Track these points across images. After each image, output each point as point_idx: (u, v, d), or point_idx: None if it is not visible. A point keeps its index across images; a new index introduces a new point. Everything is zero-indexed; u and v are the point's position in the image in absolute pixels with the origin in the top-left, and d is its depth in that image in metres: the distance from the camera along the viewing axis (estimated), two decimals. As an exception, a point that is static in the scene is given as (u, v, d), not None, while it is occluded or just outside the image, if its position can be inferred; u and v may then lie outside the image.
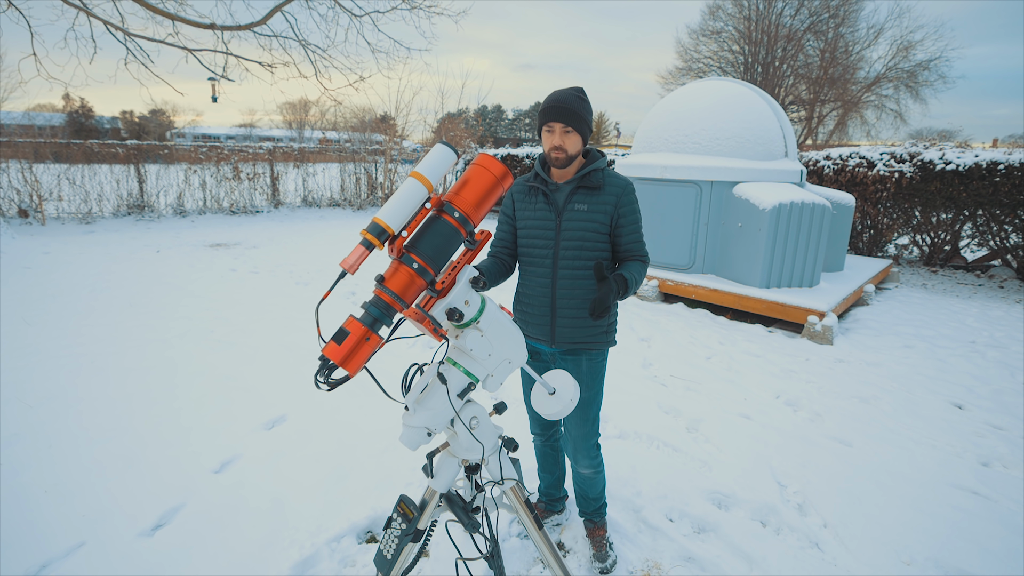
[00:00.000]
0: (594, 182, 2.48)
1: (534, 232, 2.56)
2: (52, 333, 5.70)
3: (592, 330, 2.56)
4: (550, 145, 2.42)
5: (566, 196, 2.51)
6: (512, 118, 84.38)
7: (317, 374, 1.40)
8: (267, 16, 11.38)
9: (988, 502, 3.36)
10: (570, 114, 2.37)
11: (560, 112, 2.37)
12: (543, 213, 2.53)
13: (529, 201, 2.58)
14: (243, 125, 73.45)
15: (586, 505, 2.92)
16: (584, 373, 2.62)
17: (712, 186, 7.18)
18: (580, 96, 2.42)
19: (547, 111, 2.40)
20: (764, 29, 31.11)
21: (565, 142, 2.40)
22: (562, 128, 2.39)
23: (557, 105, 2.37)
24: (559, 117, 2.37)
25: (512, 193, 2.66)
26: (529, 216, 2.57)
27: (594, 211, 2.47)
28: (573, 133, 2.40)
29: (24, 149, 13.05)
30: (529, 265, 2.60)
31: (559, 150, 2.40)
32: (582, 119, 2.40)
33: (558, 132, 2.39)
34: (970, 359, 5.70)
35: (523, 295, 2.66)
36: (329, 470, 3.49)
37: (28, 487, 3.24)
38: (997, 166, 8.53)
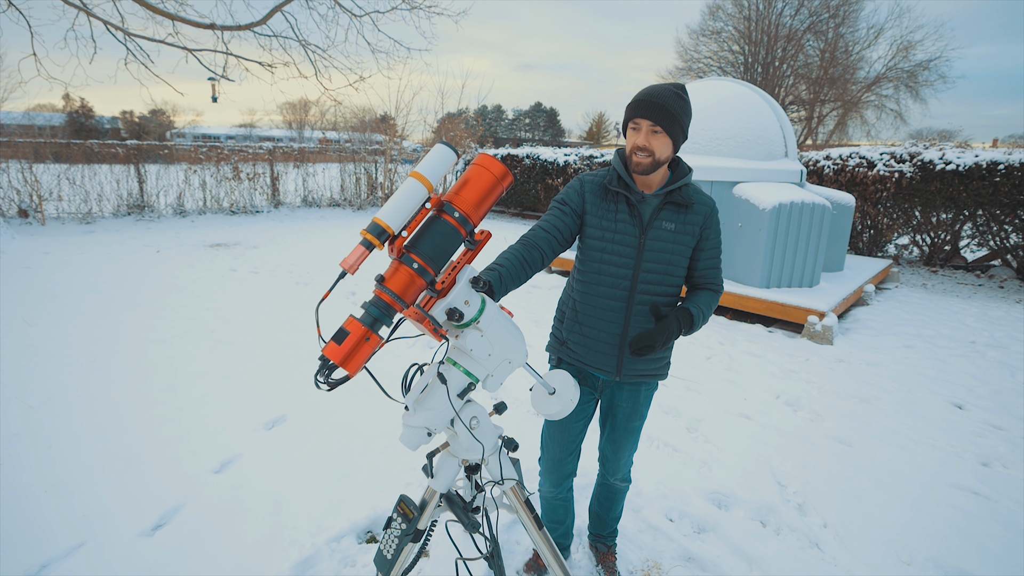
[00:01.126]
0: (684, 198, 2.16)
1: (612, 247, 2.19)
2: (52, 333, 5.70)
3: (659, 362, 2.33)
4: (633, 145, 2.09)
5: (653, 211, 2.17)
6: (512, 118, 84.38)
7: (317, 374, 1.40)
8: (267, 16, 11.38)
9: (988, 502, 3.37)
10: (663, 112, 2.03)
11: (651, 108, 2.03)
12: (625, 227, 2.17)
13: (607, 207, 2.21)
14: (243, 125, 73.47)
15: (602, 527, 2.75)
16: (641, 403, 2.41)
17: (712, 186, 7.18)
18: (679, 94, 2.09)
19: (636, 104, 2.07)
20: (764, 29, 31.12)
21: (652, 143, 2.05)
22: (650, 127, 2.04)
23: (649, 99, 2.04)
24: (649, 113, 2.03)
25: (584, 188, 2.26)
26: (607, 226, 2.20)
27: (682, 232, 2.17)
28: (663, 135, 2.06)
29: (24, 149, 13.05)
30: (598, 284, 2.24)
31: (644, 152, 2.06)
32: (676, 120, 2.06)
33: (644, 131, 2.06)
34: (970, 359, 5.71)
35: (585, 316, 2.30)
36: (329, 470, 3.49)
37: (28, 487, 3.24)
38: (997, 166, 8.53)
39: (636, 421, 2.44)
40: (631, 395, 2.39)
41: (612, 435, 2.50)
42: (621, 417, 2.43)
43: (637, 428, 2.47)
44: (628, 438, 2.48)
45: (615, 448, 2.52)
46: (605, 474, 2.63)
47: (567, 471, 2.53)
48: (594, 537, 2.81)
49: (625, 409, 2.42)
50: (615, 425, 2.47)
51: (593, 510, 2.78)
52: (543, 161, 15.11)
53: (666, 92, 2.05)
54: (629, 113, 2.10)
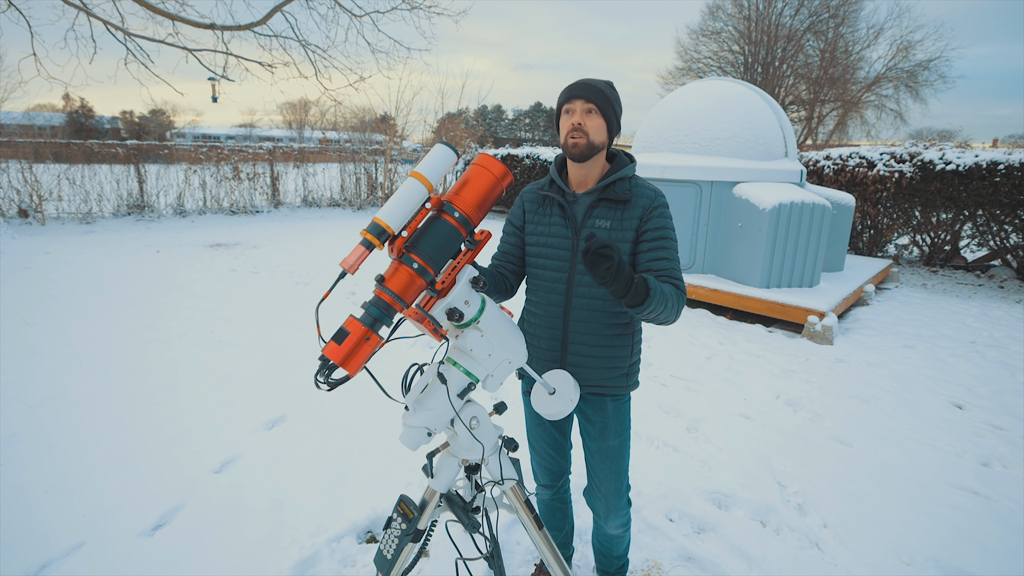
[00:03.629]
0: (619, 194, 2.04)
1: (546, 251, 2.14)
2: (52, 333, 5.70)
3: (611, 372, 2.14)
4: (568, 127, 2.00)
5: (586, 209, 2.08)
6: (512, 118, 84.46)
7: (317, 374, 1.40)
8: (267, 16, 11.38)
9: (988, 502, 3.37)
10: (595, 91, 1.99)
11: (584, 87, 1.99)
12: (558, 229, 2.11)
13: (542, 213, 2.16)
14: (243, 125, 73.48)
15: (608, 564, 2.56)
16: (611, 417, 2.20)
17: (712, 186, 7.18)
18: (610, 83, 2.06)
19: (569, 88, 2.03)
20: (764, 29, 31.12)
21: (587, 123, 1.98)
22: (583, 105, 1.98)
23: (581, 82, 2.01)
24: (581, 93, 1.98)
25: (523, 201, 2.24)
26: (541, 231, 2.15)
27: (619, 229, 2.03)
28: (597, 115, 1.99)
29: (24, 149, 13.06)
30: (538, 289, 2.18)
31: (579, 133, 1.97)
32: (608, 101, 2.01)
33: (579, 111, 1.99)
34: (970, 359, 5.70)
35: (529, 323, 2.25)
36: (329, 470, 3.49)
37: (28, 487, 3.24)
38: (997, 166, 8.53)
39: (611, 439, 2.22)
40: (597, 408, 2.20)
41: (591, 462, 2.29)
42: (594, 436, 2.23)
43: (616, 451, 2.24)
44: (607, 464, 2.25)
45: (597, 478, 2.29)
46: (597, 519, 2.42)
47: (558, 468, 2.44)
48: (602, 572, 2.61)
49: (595, 423, 2.22)
50: (590, 447, 2.26)
51: (595, 548, 2.58)
52: (543, 161, 15.11)
53: (598, 80, 2.03)
54: (562, 99, 2.04)
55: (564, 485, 2.53)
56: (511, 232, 2.25)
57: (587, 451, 2.30)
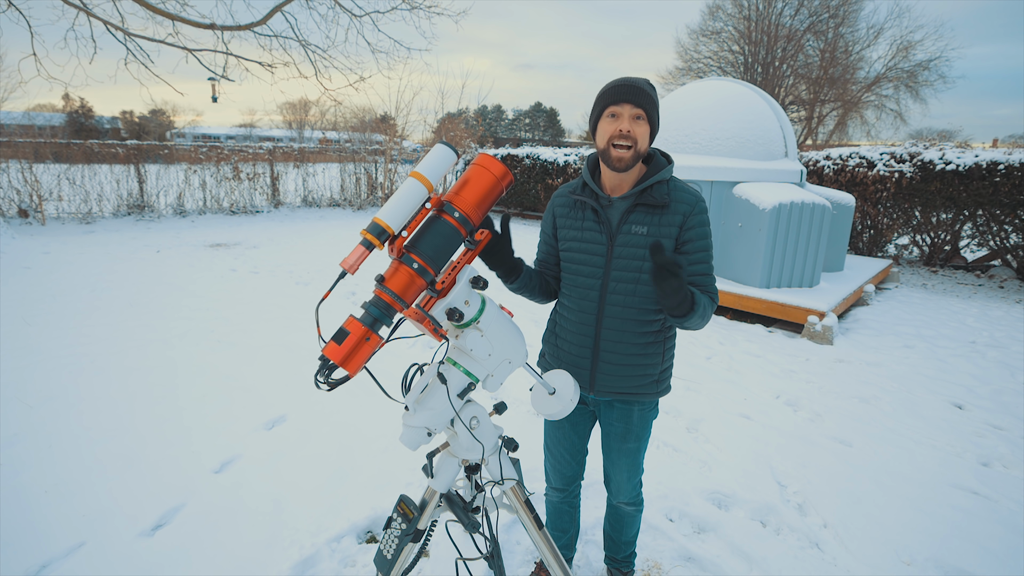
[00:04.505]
0: (658, 198, 1.95)
1: (579, 256, 2.07)
2: (52, 333, 5.70)
3: (641, 379, 2.12)
4: (615, 132, 1.87)
5: (621, 214, 2.00)
6: (512, 118, 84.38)
7: (317, 374, 1.40)
8: (267, 16, 11.39)
9: (988, 502, 3.37)
10: (644, 95, 1.85)
11: (633, 92, 1.84)
12: (592, 235, 2.04)
13: (574, 217, 2.09)
14: (243, 125, 73.49)
15: (616, 550, 2.58)
16: (634, 425, 2.21)
17: (712, 186, 7.17)
18: (652, 85, 1.94)
19: (616, 90, 1.87)
20: (764, 29, 31.12)
21: (636, 131, 1.86)
22: (632, 112, 1.85)
23: (628, 84, 1.87)
24: (630, 97, 1.84)
25: (553, 207, 2.18)
26: (574, 236, 2.08)
27: (657, 235, 1.97)
28: (644, 122, 1.88)
29: (24, 149, 13.06)
30: (571, 295, 2.13)
31: (627, 141, 1.86)
32: (655, 106, 1.90)
33: (627, 117, 1.85)
34: (970, 359, 5.70)
35: (560, 328, 2.22)
36: (329, 470, 3.49)
37: (28, 487, 3.24)
38: (997, 166, 8.53)
39: (631, 443, 2.25)
40: (622, 415, 2.22)
41: (609, 455, 2.34)
42: (614, 437, 2.27)
43: (633, 451, 2.27)
44: (624, 460, 2.29)
45: (613, 468, 2.36)
46: (609, 496, 2.48)
47: (572, 473, 2.45)
48: (609, 560, 2.65)
49: (617, 429, 2.25)
50: (610, 445, 2.31)
51: (605, 532, 2.62)
52: (543, 161, 15.11)
53: (642, 79, 1.92)
54: (606, 100, 1.90)
55: (575, 490, 2.53)
56: (545, 240, 2.23)
57: (606, 448, 2.35)
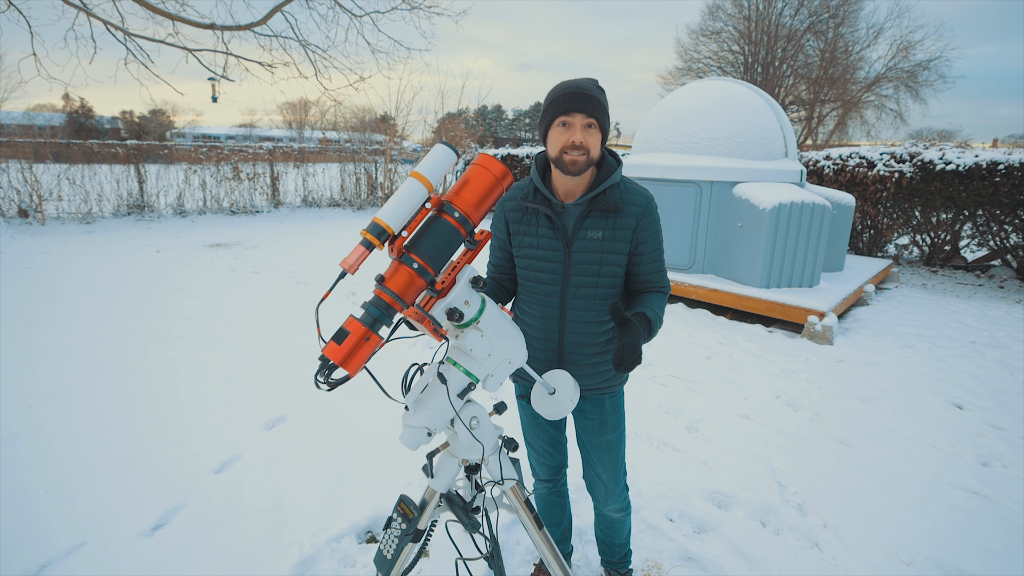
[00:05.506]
0: (611, 203, 1.94)
1: (537, 264, 2.05)
2: (53, 333, 5.70)
3: (606, 374, 2.15)
4: (567, 143, 1.84)
5: (576, 220, 1.98)
6: (512, 118, 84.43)
7: (317, 374, 1.40)
8: (267, 16, 11.39)
9: (988, 502, 3.37)
10: (594, 103, 1.83)
11: (582, 100, 1.82)
12: (548, 242, 2.01)
13: (528, 223, 2.05)
14: (243, 125, 73.45)
15: (611, 553, 2.57)
16: (609, 414, 2.22)
17: (712, 186, 7.18)
18: (599, 85, 1.91)
19: (564, 98, 1.83)
20: (764, 29, 31.12)
21: (588, 140, 1.84)
22: (584, 121, 1.83)
23: (577, 91, 1.83)
24: (581, 106, 1.82)
25: (504, 213, 2.11)
26: (530, 244, 2.05)
27: (612, 239, 1.97)
28: (596, 130, 1.86)
29: (24, 149, 13.07)
30: (531, 302, 2.12)
31: (579, 150, 1.84)
32: (606, 112, 1.89)
33: (579, 127, 1.83)
34: (970, 359, 5.70)
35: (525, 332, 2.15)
36: (329, 470, 3.49)
37: (29, 487, 3.24)
38: (997, 166, 8.53)
39: (609, 434, 2.24)
40: (595, 406, 2.22)
41: (589, 456, 2.32)
42: (592, 431, 2.25)
43: (614, 444, 2.26)
44: (606, 455, 2.27)
45: (596, 470, 2.32)
46: (597, 505, 2.44)
47: (557, 463, 2.45)
48: (606, 563, 2.64)
49: (594, 421, 2.24)
50: (589, 442, 2.28)
51: (598, 537, 2.61)
52: (543, 161, 15.07)
53: (591, 83, 1.87)
54: (557, 109, 1.85)
55: (562, 479, 2.55)
56: (498, 246, 2.19)
57: (583, 446, 2.34)
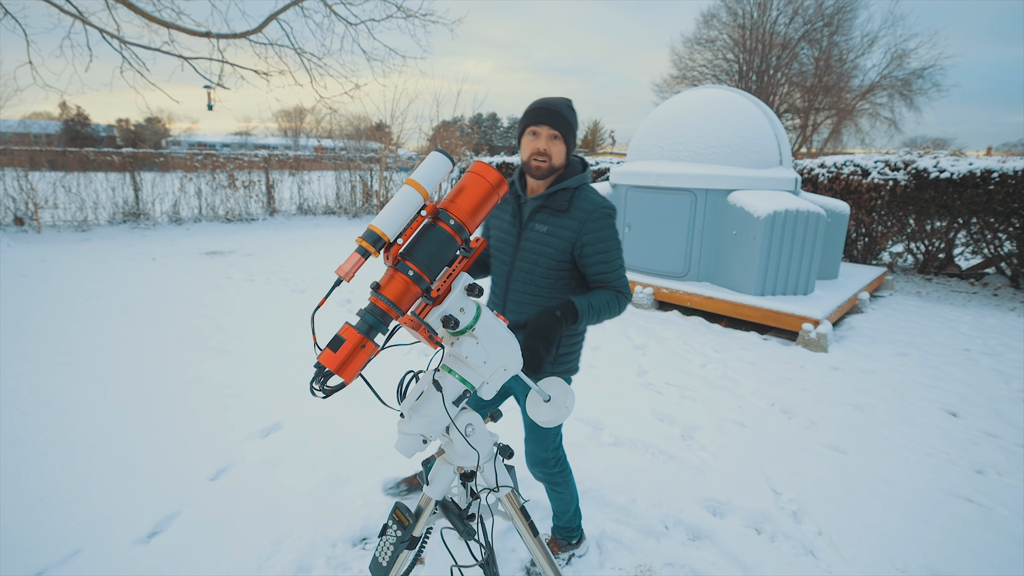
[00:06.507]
0: (559, 204, 2.24)
1: (497, 244, 2.43)
2: (48, 341, 5.69)
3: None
4: (533, 150, 2.19)
5: (530, 213, 2.32)
6: (507, 126, 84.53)
7: (313, 381, 1.40)
8: (263, 24, 11.42)
9: (983, 509, 3.38)
10: (560, 119, 2.17)
11: (549, 115, 2.16)
12: (507, 227, 2.39)
13: (502, 210, 2.45)
14: (239, 133, 73.35)
15: (555, 517, 2.82)
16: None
17: (707, 194, 7.20)
18: (571, 106, 2.25)
19: (534, 112, 2.18)
20: (758, 37, 31.24)
21: (551, 149, 2.19)
22: (549, 133, 2.17)
23: (547, 107, 2.17)
24: (548, 120, 2.16)
25: None
26: (497, 226, 2.45)
27: (553, 236, 2.25)
28: (560, 141, 2.20)
29: (20, 157, 13.02)
30: (492, 277, 2.49)
31: (543, 157, 2.19)
32: (571, 128, 2.22)
33: (544, 137, 2.18)
34: (964, 367, 5.72)
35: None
36: (324, 477, 3.48)
37: (24, 494, 3.22)
38: (991, 174, 8.57)
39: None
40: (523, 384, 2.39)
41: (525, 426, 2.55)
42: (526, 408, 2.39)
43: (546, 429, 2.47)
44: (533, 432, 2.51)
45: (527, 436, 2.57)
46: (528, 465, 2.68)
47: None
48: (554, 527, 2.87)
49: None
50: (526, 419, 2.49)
51: None
52: (539, 169, 15.10)
53: (561, 103, 2.21)
54: (529, 120, 2.20)
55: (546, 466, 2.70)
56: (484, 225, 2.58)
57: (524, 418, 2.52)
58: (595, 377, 5.17)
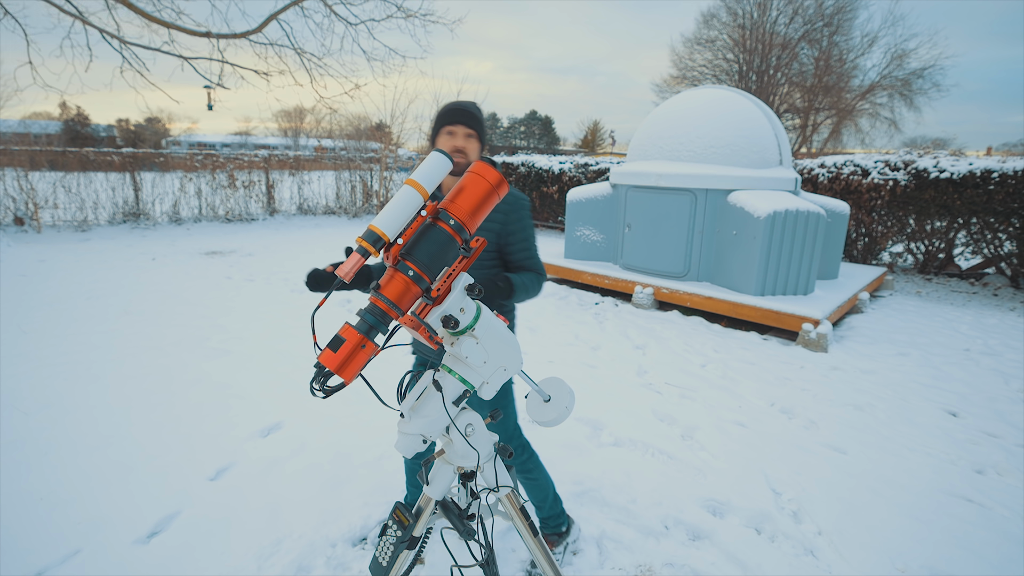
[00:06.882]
0: None
1: None
2: (48, 341, 5.69)
3: None
4: (451, 148, 2.34)
5: None
6: (507, 126, 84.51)
7: (313, 381, 1.40)
8: (263, 24, 11.42)
9: (982, 509, 3.38)
10: (474, 119, 2.36)
11: (464, 115, 2.34)
12: None
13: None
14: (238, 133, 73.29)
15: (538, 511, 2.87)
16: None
17: (707, 194, 7.21)
18: (479, 108, 2.44)
19: (449, 113, 2.35)
20: (758, 37, 31.25)
21: (468, 147, 2.35)
22: (465, 131, 2.35)
23: (460, 108, 2.35)
24: (463, 120, 2.33)
25: None
26: None
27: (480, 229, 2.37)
28: (475, 140, 2.38)
29: (20, 157, 13.04)
30: None
31: (461, 154, 2.34)
32: (483, 128, 2.41)
33: (461, 135, 2.34)
34: (964, 367, 5.73)
35: None
36: (324, 477, 3.48)
37: (24, 494, 3.23)
38: (991, 174, 8.58)
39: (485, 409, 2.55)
40: None
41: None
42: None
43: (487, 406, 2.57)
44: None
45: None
46: None
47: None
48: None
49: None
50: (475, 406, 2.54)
51: None
52: (538, 169, 15.14)
53: (472, 105, 2.41)
54: (445, 120, 2.35)
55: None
56: None
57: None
58: (595, 377, 5.17)
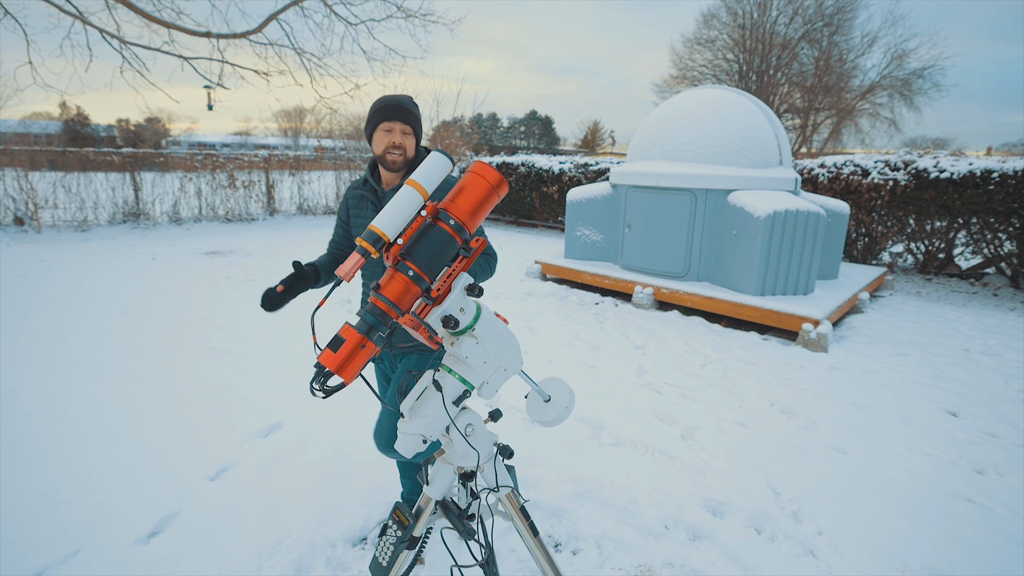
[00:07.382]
0: None
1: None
2: (48, 341, 5.69)
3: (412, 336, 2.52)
4: (389, 144, 2.38)
5: None
6: (507, 126, 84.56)
7: (313, 381, 1.40)
8: (263, 24, 11.43)
9: (983, 509, 3.37)
10: (411, 115, 2.39)
11: (401, 111, 2.36)
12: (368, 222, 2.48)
13: (362, 207, 2.58)
14: (238, 133, 73.31)
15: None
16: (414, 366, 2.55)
17: (707, 194, 7.21)
18: (415, 102, 2.47)
19: (385, 109, 2.36)
20: (758, 37, 31.27)
21: (405, 143, 2.39)
22: (402, 128, 2.38)
23: (397, 104, 2.37)
24: (400, 116, 2.36)
25: (347, 199, 2.68)
26: (360, 224, 2.59)
27: None
28: (411, 135, 2.41)
29: (20, 157, 13.04)
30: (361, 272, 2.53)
31: (398, 150, 2.38)
32: (419, 123, 2.45)
33: (398, 132, 2.38)
34: (964, 367, 5.72)
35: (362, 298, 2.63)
36: (324, 477, 3.48)
37: (24, 494, 3.23)
38: (991, 174, 8.58)
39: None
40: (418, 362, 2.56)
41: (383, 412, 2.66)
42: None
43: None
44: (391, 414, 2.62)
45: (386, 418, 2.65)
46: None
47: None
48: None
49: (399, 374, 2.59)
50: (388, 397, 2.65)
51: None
52: (538, 169, 15.14)
53: (408, 100, 2.43)
54: (381, 116, 2.37)
55: None
56: (340, 224, 2.75)
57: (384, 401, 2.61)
58: (595, 377, 5.17)
